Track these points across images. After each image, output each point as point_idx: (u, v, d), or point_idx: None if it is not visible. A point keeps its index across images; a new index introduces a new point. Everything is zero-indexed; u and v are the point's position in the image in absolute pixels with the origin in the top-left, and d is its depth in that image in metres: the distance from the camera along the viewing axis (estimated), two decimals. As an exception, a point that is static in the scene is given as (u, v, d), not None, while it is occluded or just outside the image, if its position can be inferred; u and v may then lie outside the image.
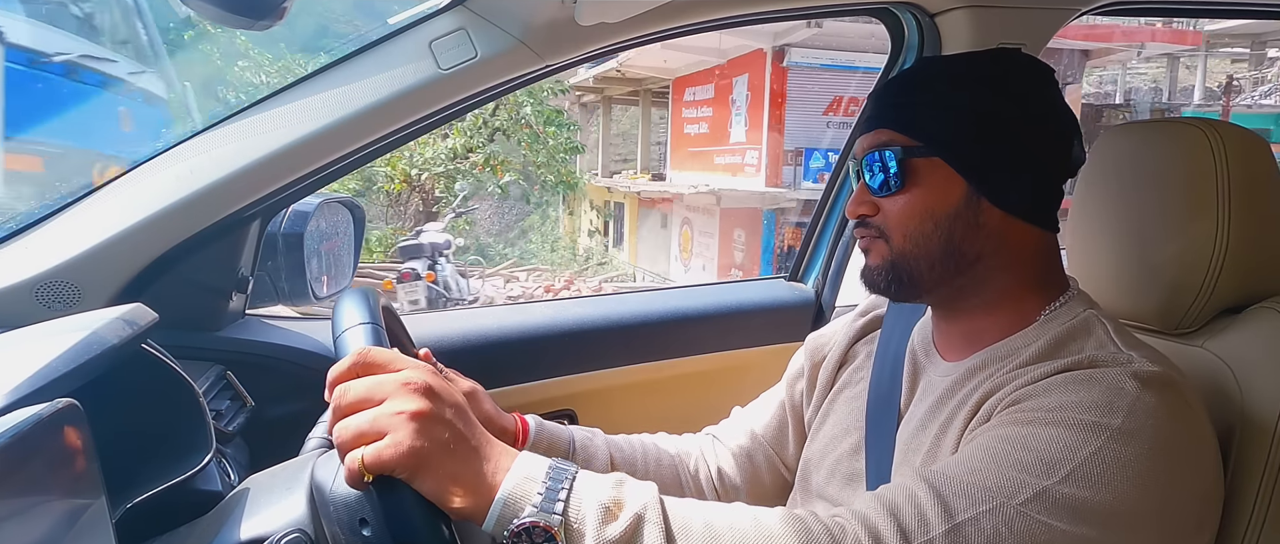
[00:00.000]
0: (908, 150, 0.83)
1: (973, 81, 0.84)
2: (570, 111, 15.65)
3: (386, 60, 1.09)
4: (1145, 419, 0.69)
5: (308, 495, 0.72)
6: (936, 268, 0.83)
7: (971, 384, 0.82)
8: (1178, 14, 1.81)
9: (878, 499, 0.70)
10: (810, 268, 1.67)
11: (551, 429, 1.01)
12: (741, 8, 1.26)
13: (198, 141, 1.08)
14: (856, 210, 0.87)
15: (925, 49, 1.45)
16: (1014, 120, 0.82)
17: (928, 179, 0.83)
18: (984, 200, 0.82)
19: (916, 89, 0.86)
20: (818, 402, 1.03)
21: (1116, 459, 0.67)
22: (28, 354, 0.66)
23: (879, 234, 0.86)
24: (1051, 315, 0.83)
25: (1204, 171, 0.85)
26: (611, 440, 1.05)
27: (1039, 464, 0.67)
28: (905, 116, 0.85)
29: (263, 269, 1.26)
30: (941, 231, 0.82)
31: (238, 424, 1.06)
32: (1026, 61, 0.86)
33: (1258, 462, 0.79)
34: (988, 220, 0.82)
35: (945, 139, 0.82)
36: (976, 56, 0.87)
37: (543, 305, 1.50)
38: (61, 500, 0.57)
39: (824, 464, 0.96)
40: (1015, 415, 0.73)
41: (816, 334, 1.10)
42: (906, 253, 0.84)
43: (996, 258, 0.83)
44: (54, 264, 1.02)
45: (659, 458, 1.06)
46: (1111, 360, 0.74)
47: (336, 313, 0.76)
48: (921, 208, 0.83)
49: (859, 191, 0.87)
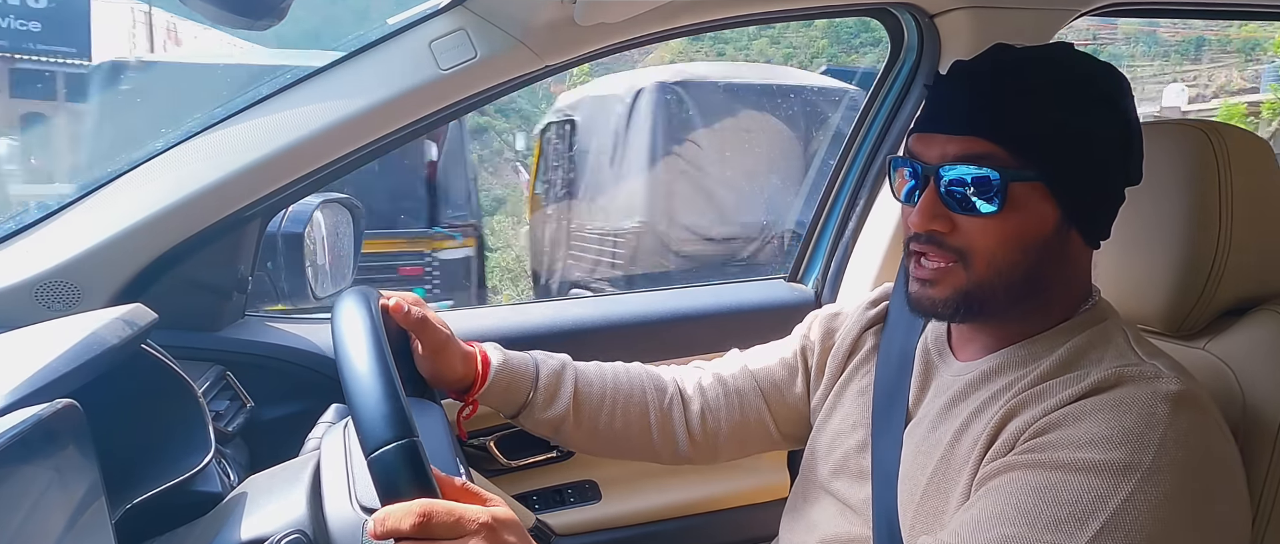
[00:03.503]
0: (1012, 171, 0.73)
1: (1079, 93, 0.75)
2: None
3: (386, 61, 1.09)
4: (1176, 453, 0.67)
5: (307, 496, 0.72)
6: (1012, 296, 0.77)
7: (989, 390, 0.80)
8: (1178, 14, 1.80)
9: None
10: (810, 268, 1.67)
11: (515, 364, 0.96)
12: (742, 8, 1.26)
13: (197, 142, 1.08)
14: (929, 225, 0.77)
15: (925, 50, 1.44)
16: (1115, 142, 0.76)
17: (1025, 203, 0.74)
18: (1073, 229, 0.77)
19: (1015, 93, 0.75)
20: (825, 390, 1.01)
21: (1149, 502, 0.65)
22: (28, 354, 0.66)
23: (956, 257, 0.77)
24: (1074, 322, 0.81)
25: (1206, 173, 0.85)
26: (581, 374, 1.00)
27: (1072, 520, 0.65)
28: (1007, 126, 0.74)
29: (262, 269, 1.26)
30: (1029, 260, 0.76)
31: (237, 425, 1.05)
32: (1110, 68, 0.78)
33: (1261, 463, 0.79)
34: (1070, 248, 0.78)
35: (1053, 161, 0.73)
36: (1074, 59, 0.78)
37: (543, 305, 1.50)
38: (61, 500, 0.57)
39: (830, 458, 0.95)
40: (1041, 456, 0.70)
41: (831, 310, 1.07)
42: (986, 282, 0.76)
43: (1062, 281, 0.80)
44: (54, 264, 1.02)
45: (630, 394, 1.01)
46: (1138, 376, 0.72)
47: (336, 313, 0.75)
48: (1016, 235, 0.75)
49: (931, 203, 0.76)
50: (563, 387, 0.98)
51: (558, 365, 1.00)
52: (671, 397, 1.04)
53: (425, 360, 0.92)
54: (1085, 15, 1.44)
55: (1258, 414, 0.80)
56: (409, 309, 0.88)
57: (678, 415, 1.03)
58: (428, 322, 0.90)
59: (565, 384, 0.98)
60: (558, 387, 0.98)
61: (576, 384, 0.99)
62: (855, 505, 0.90)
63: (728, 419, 1.04)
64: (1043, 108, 0.74)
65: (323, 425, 0.90)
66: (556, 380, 0.98)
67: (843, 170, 1.61)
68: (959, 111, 0.77)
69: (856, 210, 1.56)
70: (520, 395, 0.96)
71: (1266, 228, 0.87)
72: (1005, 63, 0.78)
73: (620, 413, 1.01)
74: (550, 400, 0.97)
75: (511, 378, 0.96)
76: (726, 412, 1.04)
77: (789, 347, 1.07)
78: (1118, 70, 0.79)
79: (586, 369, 1.02)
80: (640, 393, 1.03)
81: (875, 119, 1.55)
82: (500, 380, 0.95)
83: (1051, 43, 0.81)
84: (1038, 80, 0.76)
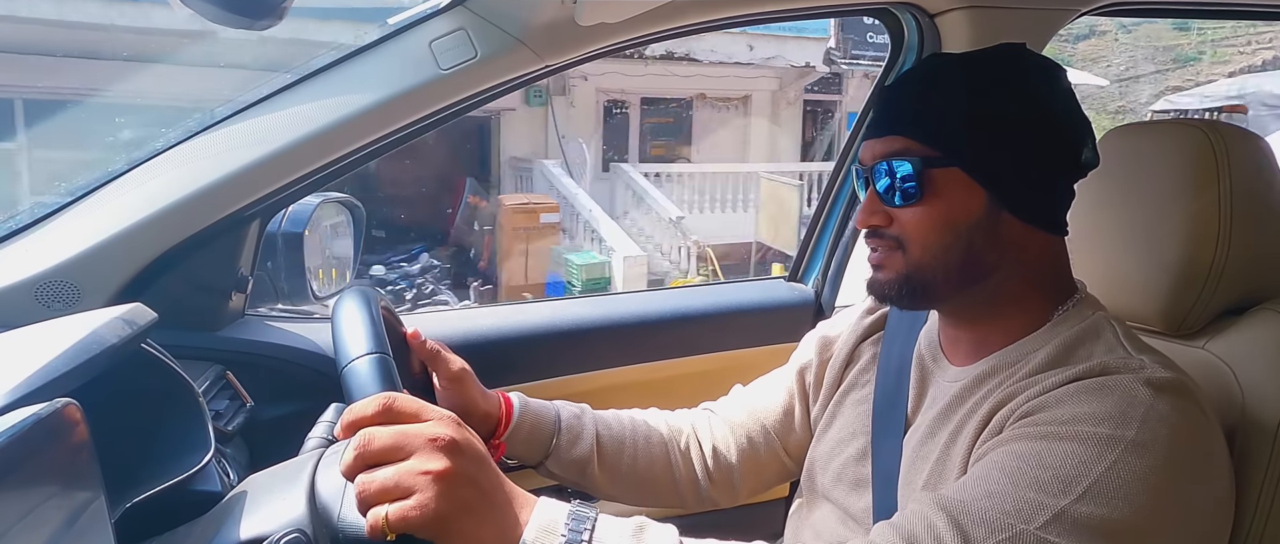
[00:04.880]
0: (927, 160, 0.79)
1: (990, 84, 0.80)
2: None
3: (387, 60, 1.09)
4: (1159, 428, 0.68)
5: (307, 496, 0.72)
6: (953, 279, 0.81)
7: (981, 392, 0.81)
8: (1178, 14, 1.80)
9: (894, 529, 0.69)
10: (810, 268, 1.67)
11: (536, 408, 0.99)
12: (742, 8, 1.26)
13: (198, 142, 1.08)
14: (868, 220, 0.84)
15: (925, 49, 1.45)
16: (1033, 125, 0.79)
17: (946, 189, 0.79)
18: (1004, 211, 0.79)
19: (931, 92, 0.82)
20: (824, 401, 1.02)
21: (1132, 473, 0.66)
22: (28, 354, 0.66)
23: (896, 245, 0.82)
24: (1060, 319, 0.82)
25: (1205, 172, 0.85)
26: (599, 418, 1.02)
27: (1055, 482, 0.66)
28: (921, 122, 0.80)
29: (262, 269, 1.26)
30: (962, 243, 0.80)
31: (237, 424, 1.05)
32: (1039, 61, 0.83)
33: (1259, 463, 0.79)
34: (1007, 230, 0.80)
35: (964, 148, 0.79)
36: (990, 56, 0.83)
37: (542, 305, 1.50)
38: (61, 500, 0.57)
39: (830, 467, 0.95)
40: (1028, 429, 0.72)
41: (826, 326, 1.08)
42: (923, 265, 0.81)
43: (1012, 266, 0.82)
44: (54, 264, 1.02)
45: (649, 435, 1.04)
46: (1123, 366, 0.73)
47: (336, 318, 0.75)
48: (942, 219, 0.80)
49: (870, 200, 0.84)
50: (584, 428, 1.00)
51: (577, 408, 1.02)
52: (688, 437, 1.07)
53: (446, 392, 0.95)
54: (1085, 15, 1.45)
55: (1257, 413, 0.80)
56: (425, 339, 0.93)
57: (696, 455, 1.06)
58: (442, 353, 0.95)
59: (586, 426, 1.00)
60: (580, 428, 1.00)
61: (597, 426, 1.01)
62: (856, 514, 0.91)
63: (741, 458, 1.06)
64: (954, 100, 0.80)
65: (323, 425, 0.90)
66: (577, 422, 1.00)
67: (843, 170, 1.61)
68: (886, 116, 0.84)
69: (856, 210, 1.56)
70: (546, 434, 0.99)
71: (1266, 227, 0.87)
72: (930, 67, 0.86)
73: (643, 453, 1.03)
74: (574, 440, 0.99)
75: (536, 419, 0.98)
76: (737, 451, 1.06)
77: (788, 374, 1.09)
78: (1047, 62, 0.83)
79: (603, 413, 1.04)
80: (659, 435, 1.05)
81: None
82: (526, 420, 0.97)
83: (996, 46, 0.84)
84: (952, 76, 0.82)
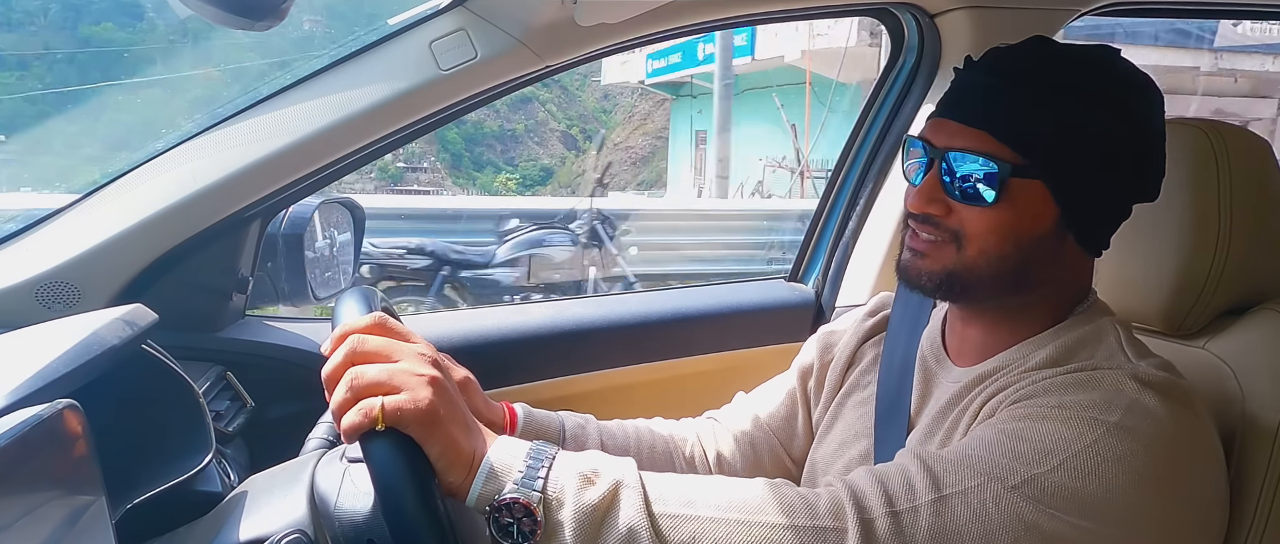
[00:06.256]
0: (1014, 168, 0.73)
1: (1104, 104, 0.74)
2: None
3: (387, 61, 1.09)
4: (1142, 419, 0.68)
5: (308, 496, 0.72)
6: (997, 286, 0.78)
7: (980, 388, 0.81)
8: (1178, 14, 1.80)
9: (867, 470, 0.71)
10: (810, 268, 1.67)
11: (541, 418, 0.98)
12: (742, 8, 1.26)
13: (198, 142, 1.08)
14: (926, 208, 0.78)
15: (925, 50, 1.45)
16: (1131, 151, 0.75)
17: (1021, 198, 0.75)
18: (1069, 233, 0.77)
19: (1028, 91, 0.75)
20: (826, 403, 1.02)
21: (1112, 452, 0.67)
22: (28, 354, 0.66)
23: (950, 239, 0.78)
24: (1069, 323, 0.81)
25: (1205, 172, 0.85)
26: (603, 427, 1.02)
27: (1034, 453, 0.67)
28: (1012, 123, 0.74)
29: (263, 269, 1.26)
30: (1021, 255, 0.76)
31: (238, 425, 1.05)
32: (1145, 78, 0.78)
33: (1259, 464, 0.79)
34: (1065, 250, 0.78)
35: (1055, 163, 0.73)
36: (1095, 61, 0.76)
37: (543, 305, 1.50)
38: (62, 501, 0.57)
39: (832, 469, 0.95)
40: (1015, 411, 0.73)
41: (827, 329, 1.08)
42: (976, 267, 0.77)
43: (1055, 282, 0.80)
44: (54, 264, 1.02)
45: (653, 444, 1.03)
46: (1118, 366, 0.74)
47: (337, 317, 0.76)
48: (1008, 228, 0.75)
49: (930, 187, 0.78)
50: (588, 438, 0.99)
51: (581, 418, 1.01)
52: (692, 446, 1.05)
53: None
54: (1085, 15, 1.45)
55: (1257, 413, 0.80)
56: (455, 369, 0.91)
57: (701, 465, 1.05)
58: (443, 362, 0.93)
59: (590, 435, 0.99)
60: (583, 438, 0.99)
61: (601, 436, 1.00)
62: None
63: (745, 466, 1.05)
64: (1054, 110, 0.74)
65: (323, 425, 0.90)
66: (582, 432, 0.99)
67: (843, 170, 1.61)
68: (973, 104, 0.77)
69: (857, 210, 1.57)
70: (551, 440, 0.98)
71: (1266, 227, 0.87)
72: (1031, 60, 0.77)
73: (646, 463, 1.01)
74: (579, 449, 0.98)
75: (540, 429, 0.96)
76: (742, 459, 1.05)
77: (790, 379, 1.08)
78: (1151, 83, 0.78)
79: (608, 423, 1.03)
80: (663, 444, 1.03)
81: (876, 119, 1.55)
82: (530, 430, 0.96)
83: (1094, 44, 0.80)
84: (1055, 81, 0.75)
